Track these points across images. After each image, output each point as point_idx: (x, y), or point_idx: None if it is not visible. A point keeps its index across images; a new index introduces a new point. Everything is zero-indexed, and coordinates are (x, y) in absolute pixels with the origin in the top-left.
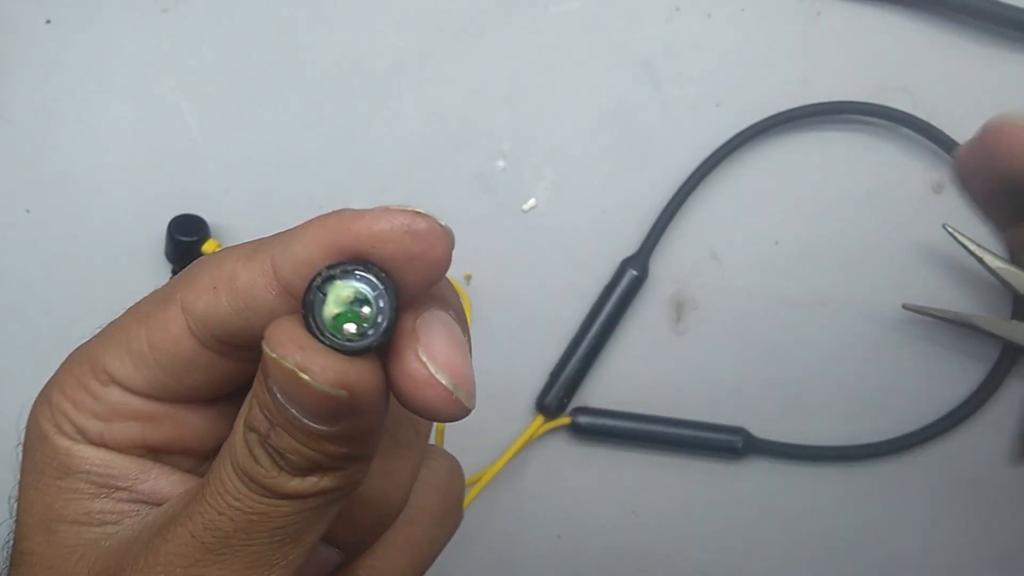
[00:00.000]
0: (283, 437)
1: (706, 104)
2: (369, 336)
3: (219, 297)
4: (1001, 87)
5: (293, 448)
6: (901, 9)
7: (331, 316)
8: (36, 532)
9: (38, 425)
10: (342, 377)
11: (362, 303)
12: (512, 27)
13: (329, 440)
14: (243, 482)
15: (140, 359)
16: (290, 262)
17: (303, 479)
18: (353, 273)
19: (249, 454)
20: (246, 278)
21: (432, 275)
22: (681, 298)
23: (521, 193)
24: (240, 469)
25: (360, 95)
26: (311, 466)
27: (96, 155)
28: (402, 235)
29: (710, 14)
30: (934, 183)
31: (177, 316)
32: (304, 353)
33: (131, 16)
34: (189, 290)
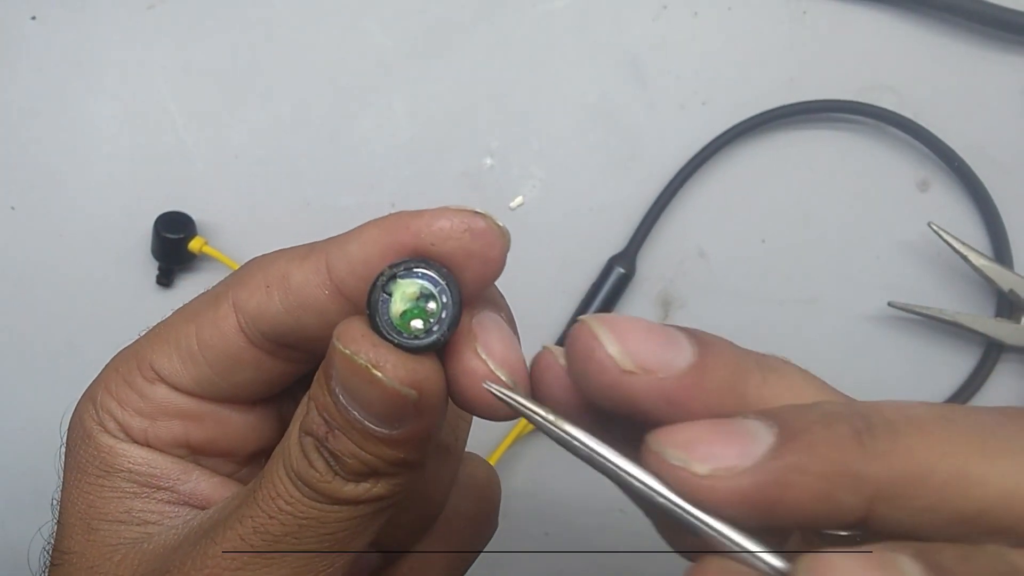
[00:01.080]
0: (342, 440)
1: (693, 102)
2: (435, 332)
3: (271, 295)
4: (986, 86)
5: (351, 452)
6: (887, 8)
7: (398, 313)
8: (77, 531)
9: (82, 424)
10: (413, 375)
11: (427, 299)
12: (499, 25)
13: (389, 444)
14: (296, 486)
15: (188, 356)
16: (345, 261)
17: (357, 485)
18: (415, 270)
19: (304, 458)
20: (300, 277)
21: (489, 273)
22: (668, 295)
23: (509, 191)
24: (294, 473)
25: (347, 93)
26: (367, 471)
27: (82, 152)
28: (462, 232)
29: (697, 12)
30: (919, 181)
31: (228, 314)
32: (377, 351)
33: (117, 13)
34: (242, 288)
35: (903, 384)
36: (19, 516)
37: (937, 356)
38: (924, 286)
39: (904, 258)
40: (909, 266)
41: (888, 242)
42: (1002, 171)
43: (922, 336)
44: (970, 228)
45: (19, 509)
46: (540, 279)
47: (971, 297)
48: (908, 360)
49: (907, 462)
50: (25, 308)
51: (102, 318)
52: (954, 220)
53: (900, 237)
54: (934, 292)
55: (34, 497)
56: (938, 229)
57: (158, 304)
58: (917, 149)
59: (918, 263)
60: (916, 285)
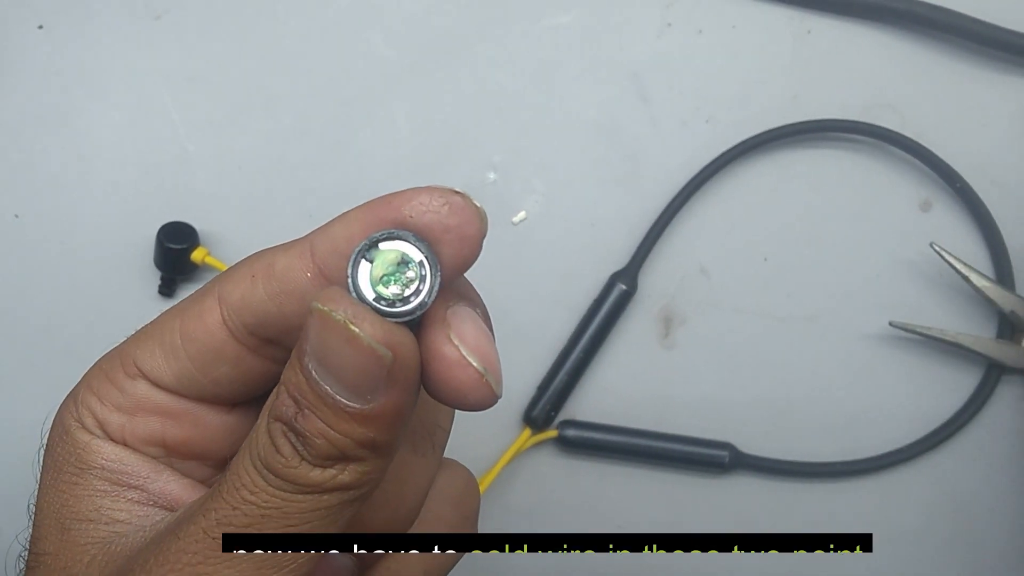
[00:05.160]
0: (310, 420)
1: (696, 120)
2: (411, 301)
3: (255, 284)
4: (988, 106)
5: (320, 431)
6: (890, 28)
7: (378, 277)
8: (51, 532)
9: (62, 421)
10: (389, 335)
11: (406, 266)
12: (503, 40)
13: (359, 420)
14: (261, 474)
15: (171, 350)
16: (328, 241)
17: (323, 471)
18: (395, 237)
19: (270, 443)
20: (284, 262)
21: (466, 251)
22: (669, 313)
23: (511, 206)
24: (259, 461)
25: (351, 105)
26: (335, 454)
27: (86, 161)
28: (440, 206)
29: (701, 30)
30: (921, 201)
31: (213, 306)
32: (356, 308)
33: (123, 23)
34: (227, 281)
35: (903, 404)
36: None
37: (937, 377)
38: (925, 306)
39: (906, 278)
40: (910, 286)
41: (890, 262)
42: (1004, 192)
43: (923, 356)
44: (972, 249)
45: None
46: (541, 294)
47: (972, 318)
48: (908, 380)
49: None
50: (27, 316)
51: (104, 327)
52: (956, 241)
53: (902, 257)
54: (935, 312)
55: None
56: (940, 249)
57: None
58: (919, 169)
59: (920, 283)
60: (917, 305)
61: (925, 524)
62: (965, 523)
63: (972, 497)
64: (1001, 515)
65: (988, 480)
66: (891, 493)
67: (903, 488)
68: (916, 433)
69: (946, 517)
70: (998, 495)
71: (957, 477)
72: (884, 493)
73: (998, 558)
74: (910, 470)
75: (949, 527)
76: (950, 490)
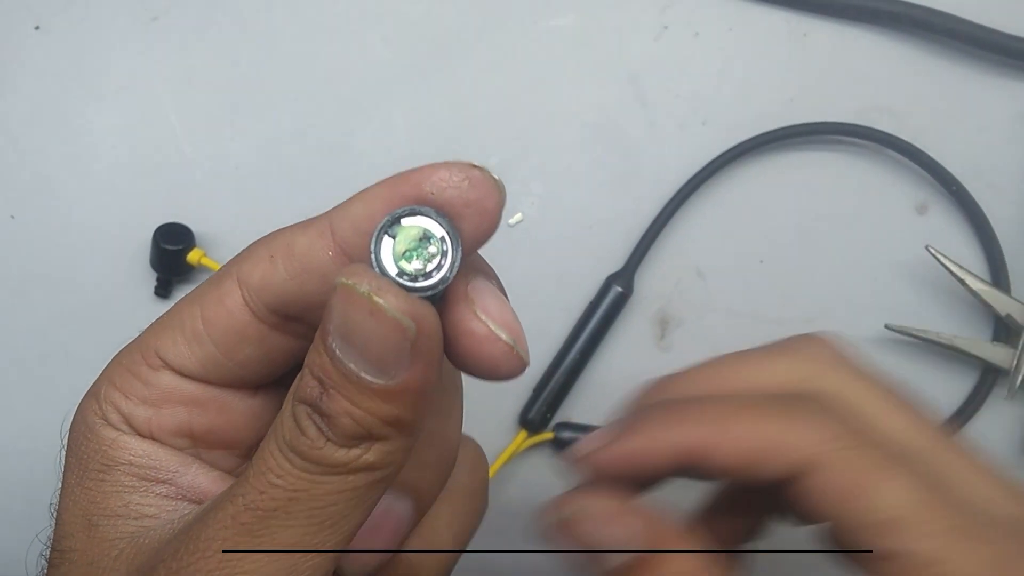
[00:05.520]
0: (335, 399)
1: (693, 122)
2: (434, 276)
3: (275, 264)
4: (985, 110)
5: (345, 410)
6: (887, 31)
7: (400, 252)
8: (78, 529)
9: (84, 419)
10: (413, 307)
11: (428, 242)
12: (501, 42)
13: (384, 397)
14: (287, 456)
15: (193, 336)
16: (348, 220)
17: (349, 451)
18: (417, 213)
19: (295, 426)
20: (304, 242)
21: (486, 224)
22: (665, 315)
23: (508, 207)
24: (285, 444)
25: (348, 106)
26: (360, 432)
27: (83, 162)
28: (460, 181)
29: (698, 33)
30: (917, 204)
31: (232, 289)
32: (380, 281)
33: (120, 24)
34: (245, 262)
35: None
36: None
37: (933, 379)
38: (921, 309)
39: (902, 281)
40: (906, 289)
41: (886, 264)
42: (1000, 196)
43: (918, 359)
44: (968, 252)
45: (15, 517)
46: (538, 296)
47: (968, 321)
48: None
49: None
50: (23, 317)
51: (100, 328)
52: (952, 244)
53: (898, 260)
54: (931, 315)
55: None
56: (936, 252)
57: (156, 314)
58: (915, 172)
59: (915, 286)
60: (913, 308)
61: None
62: None
63: None
64: None
65: None
66: None
67: None
68: None
69: None
70: None
71: None
72: None
73: None
74: None
75: None
76: None
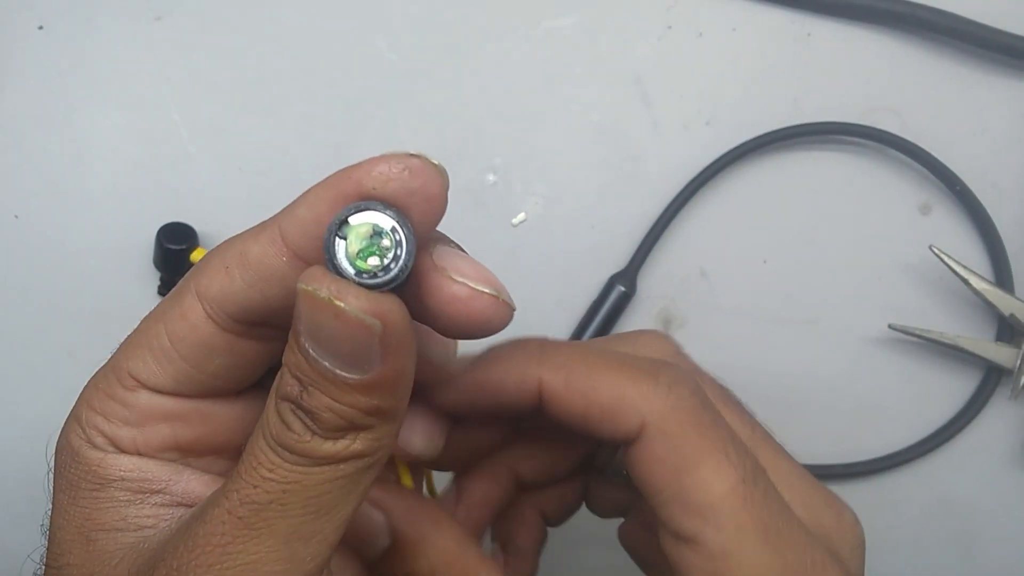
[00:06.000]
0: (315, 396)
1: (696, 122)
2: (392, 269)
3: (232, 275)
4: (988, 110)
5: (325, 405)
6: (891, 31)
7: (355, 253)
8: (75, 545)
9: (69, 444)
10: (375, 305)
11: (380, 236)
12: (505, 42)
13: (361, 390)
14: (276, 452)
15: (162, 355)
16: (296, 225)
17: (335, 442)
18: (364, 209)
19: (281, 422)
20: (256, 250)
21: (433, 210)
22: (669, 314)
23: (511, 207)
24: (273, 439)
25: (352, 107)
26: (344, 425)
27: (86, 162)
28: (400, 171)
29: (701, 33)
30: (921, 204)
31: (193, 304)
32: (338, 284)
33: (124, 23)
34: (202, 276)
35: (902, 406)
36: (17, 526)
37: (937, 379)
38: (925, 309)
39: (905, 281)
40: (910, 289)
41: (889, 264)
42: (1004, 196)
43: (922, 359)
44: (971, 252)
45: (16, 518)
46: (540, 296)
47: (972, 321)
48: (908, 382)
49: None
50: (26, 317)
51: (103, 328)
52: (955, 244)
53: (901, 260)
54: (935, 315)
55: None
56: (939, 252)
57: None
58: (919, 172)
59: (919, 286)
60: (917, 308)
61: (924, 526)
62: (964, 526)
63: (971, 500)
64: (1000, 517)
65: (987, 483)
66: (890, 496)
67: (902, 491)
68: (915, 436)
69: (945, 519)
70: (997, 498)
71: (956, 480)
72: (883, 496)
73: (997, 560)
74: (909, 472)
75: (948, 529)
76: (949, 493)
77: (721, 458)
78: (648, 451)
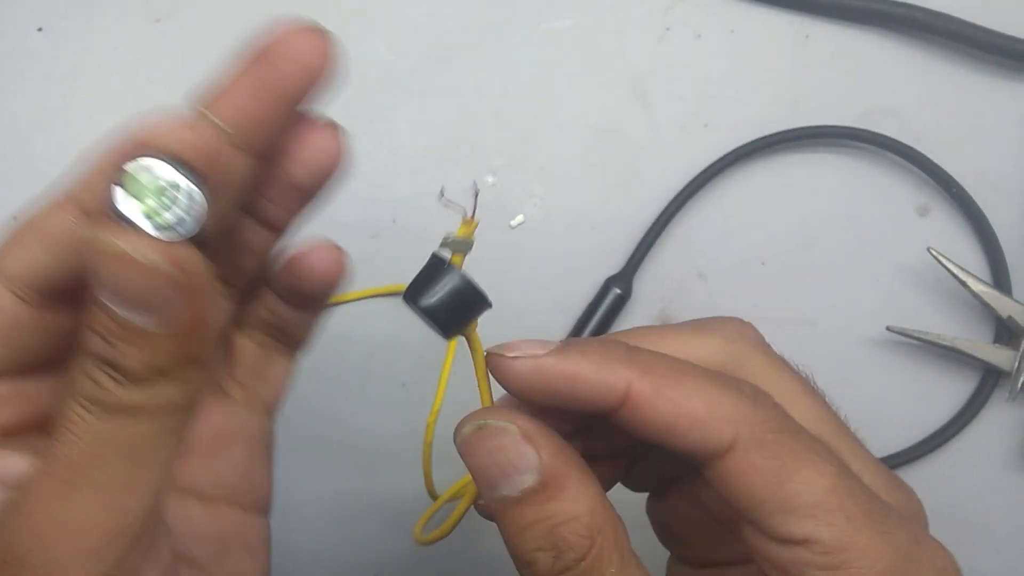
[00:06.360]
0: (120, 348)
1: (695, 124)
2: (186, 222)
3: (31, 247)
4: (986, 112)
5: (131, 355)
6: (889, 33)
7: (151, 208)
8: None
9: None
10: (165, 250)
11: (175, 190)
12: (503, 44)
13: (164, 339)
14: (89, 410)
15: None
16: (83, 186)
17: (145, 391)
18: (144, 158)
19: (89, 379)
20: (48, 219)
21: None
22: (667, 316)
23: (510, 209)
24: (84, 397)
25: (351, 109)
26: (152, 373)
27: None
28: (179, 130)
29: (700, 35)
30: (919, 207)
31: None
32: (123, 232)
33: (123, 25)
34: (2, 258)
35: (901, 408)
36: None
37: (935, 381)
38: (923, 311)
39: (903, 283)
40: (908, 291)
41: (887, 267)
42: (1001, 198)
43: (920, 361)
44: (969, 254)
45: None
46: (537, 297)
47: (970, 323)
48: (906, 384)
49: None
50: None
51: None
52: (953, 246)
53: (899, 262)
54: (933, 317)
55: None
56: (937, 254)
57: None
58: (917, 175)
59: (917, 288)
60: (915, 310)
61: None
62: (962, 528)
63: (969, 502)
64: (998, 519)
65: (985, 484)
66: None
67: None
68: (914, 437)
69: (944, 521)
70: (995, 499)
71: (954, 482)
72: None
73: (996, 561)
74: (908, 474)
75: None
76: (947, 495)
77: (815, 458)
78: (745, 463)
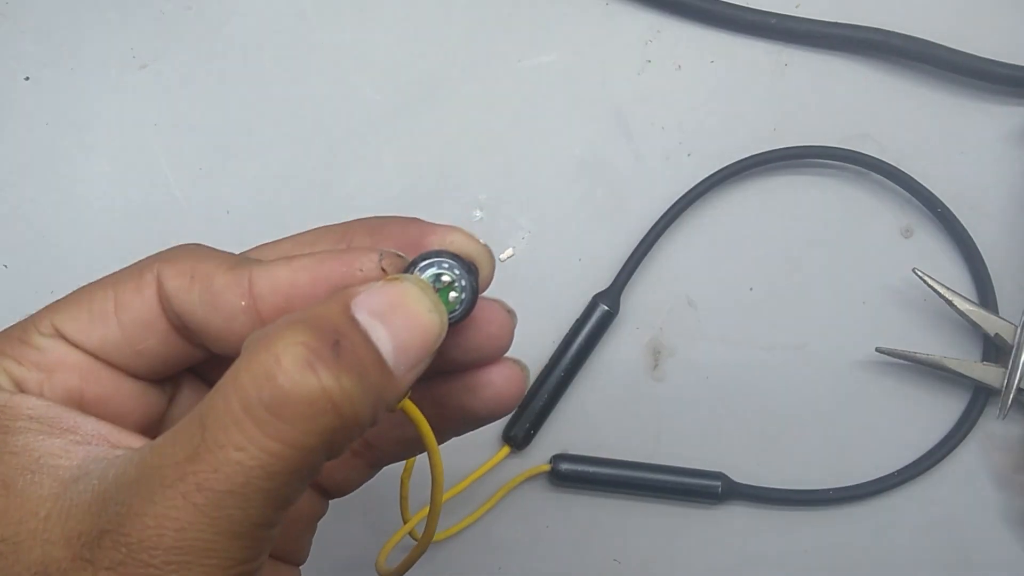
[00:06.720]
0: (346, 361)
1: (678, 153)
2: (457, 311)
3: (193, 286)
4: (965, 133)
5: (351, 371)
6: (867, 59)
7: None
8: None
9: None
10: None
11: (448, 287)
12: (487, 80)
13: (390, 382)
14: (251, 417)
15: (100, 316)
16: (270, 281)
17: (322, 380)
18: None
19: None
20: (222, 281)
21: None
22: (658, 345)
23: (498, 243)
24: (257, 399)
25: (337, 148)
26: (361, 397)
27: (75, 210)
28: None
29: (680, 66)
30: (903, 228)
31: (151, 282)
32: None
33: (110, 72)
34: (168, 266)
35: (891, 429)
36: None
37: (925, 400)
38: (911, 331)
39: (890, 304)
40: (895, 312)
41: (874, 288)
42: (984, 217)
43: (910, 381)
44: (954, 273)
45: None
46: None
47: (958, 342)
48: (897, 405)
49: None
50: None
51: None
52: (938, 265)
53: (886, 283)
54: (921, 337)
55: None
56: (923, 275)
57: None
58: (900, 195)
59: (904, 309)
60: (903, 331)
61: (919, 548)
62: (955, 547)
63: (962, 521)
64: (990, 538)
65: (977, 503)
66: (881, 519)
67: (895, 513)
68: (907, 458)
69: (939, 541)
70: (987, 518)
71: (946, 501)
72: (874, 519)
73: None
74: (902, 495)
75: (939, 552)
76: (939, 514)
77: None
78: None
